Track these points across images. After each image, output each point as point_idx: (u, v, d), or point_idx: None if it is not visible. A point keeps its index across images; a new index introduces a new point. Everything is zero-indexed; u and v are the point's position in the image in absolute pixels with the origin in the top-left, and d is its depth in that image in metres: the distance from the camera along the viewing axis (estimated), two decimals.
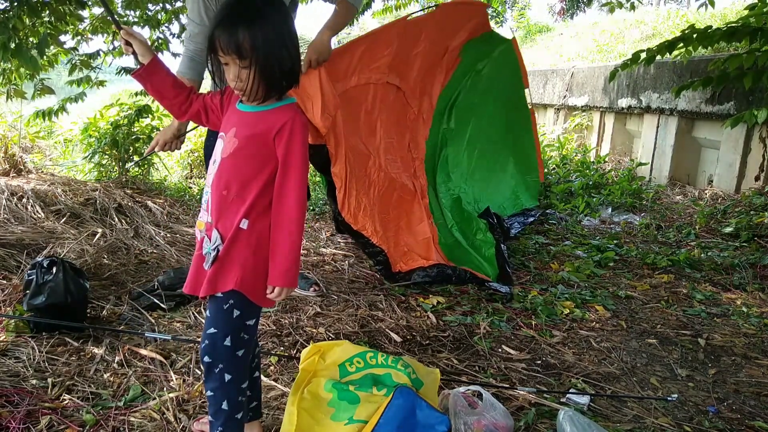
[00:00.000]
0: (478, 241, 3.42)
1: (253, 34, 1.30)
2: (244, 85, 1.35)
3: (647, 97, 5.65)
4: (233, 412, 1.46)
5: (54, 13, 3.67)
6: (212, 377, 1.44)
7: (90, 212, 3.72)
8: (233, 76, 1.36)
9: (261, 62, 1.33)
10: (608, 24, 8.96)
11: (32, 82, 4.28)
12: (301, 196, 1.40)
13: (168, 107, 1.57)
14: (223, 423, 1.46)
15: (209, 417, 1.49)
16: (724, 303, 2.99)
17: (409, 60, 3.38)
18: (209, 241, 1.43)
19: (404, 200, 3.30)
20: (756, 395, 2.12)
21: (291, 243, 1.39)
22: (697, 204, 4.70)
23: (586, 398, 2.01)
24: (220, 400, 1.45)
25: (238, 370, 1.45)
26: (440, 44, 3.61)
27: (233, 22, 1.31)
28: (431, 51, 3.51)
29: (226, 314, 1.42)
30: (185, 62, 2.41)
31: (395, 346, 2.41)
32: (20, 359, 2.09)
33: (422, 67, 3.49)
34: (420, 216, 3.30)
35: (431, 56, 3.55)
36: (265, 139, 1.39)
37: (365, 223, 2.96)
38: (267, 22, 1.33)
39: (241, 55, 1.31)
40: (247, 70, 1.33)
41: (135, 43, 1.50)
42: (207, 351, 1.43)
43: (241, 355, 1.44)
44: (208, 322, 1.44)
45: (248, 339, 1.47)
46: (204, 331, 1.44)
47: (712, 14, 7.16)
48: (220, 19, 1.33)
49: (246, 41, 1.30)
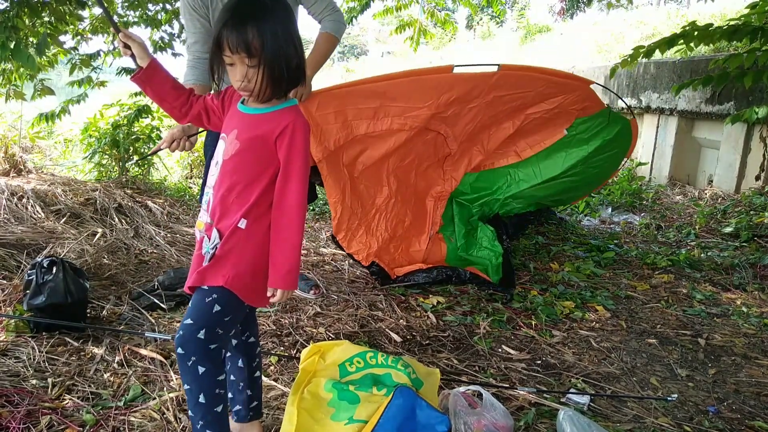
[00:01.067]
0: (484, 249, 3.33)
1: (262, 32, 1.30)
2: (251, 84, 1.34)
3: (647, 97, 5.65)
4: (212, 404, 1.43)
5: (54, 13, 3.67)
6: (186, 370, 1.41)
7: (90, 212, 3.73)
8: (240, 76, 1.34)
9: (269, 61, 1.32)
10: (608, 24, 8.96)
11: (32, 82, 4.28)
12: (302, 199, 1.40)
13: (168, 110, 1.56)
14: (202, 417, 1.43)
15: (189, 413, 1.47)
16: (724, 303, 2.99)
17: (459, 112, 3.08)
18: (209, 241, 1.43)
19: (413, 226, 3.23)
20: (756, 395, 2.12)
21: (291, 246, 1.39)
22: (697, 204, 4.70)
23: (586, 398, 2.01)
24: (196, 394, 1.42)
25: (211, 363, 1.42)
26: (507, 105, 3.18)
27: (242, 21, 1.29)
28: (493, 108, 3.14)
29: (206, 307, 1.40)
30: (188, 71, 2.44)
31: (395, 346, 2.41)
32: (20, 359, 2.09)
33: (476, 120, 3.16)
34: (425, 239, 3.27)
35: (491, 112, 3.17)
36: (267, 141, 1.39)
37: (358, 249, 2.98)
38: (276, 19, 1.32)
39: (251, 54, 1.31)
40: (255, 69, 1.33)
41: (134, 46, 1.49)
42: (180, 342, 1.40)
43: (213, 349, 1.42)
44: (188, 312, 1.43)
45: (222, 334, 1.44)
46: (182, 321, 1.42)
47: (712, 14, 7.17)
48: (227, 19, 1.31)
49: (255, 39, 1.29)
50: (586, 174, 3.38)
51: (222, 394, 1.47)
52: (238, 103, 1.47)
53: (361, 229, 2.99)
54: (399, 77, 2.91)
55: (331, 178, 2.83)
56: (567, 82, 3.17)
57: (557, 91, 3.13)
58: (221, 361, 1.49)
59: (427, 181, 3.28)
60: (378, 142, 2.97)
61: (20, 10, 3.23)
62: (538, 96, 3.12)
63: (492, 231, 3.36)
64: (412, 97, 2.90)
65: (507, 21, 20.10)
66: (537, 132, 3.32)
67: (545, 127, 3.27)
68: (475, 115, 3.12)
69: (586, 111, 3.22)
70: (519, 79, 3.03)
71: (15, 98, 4.12)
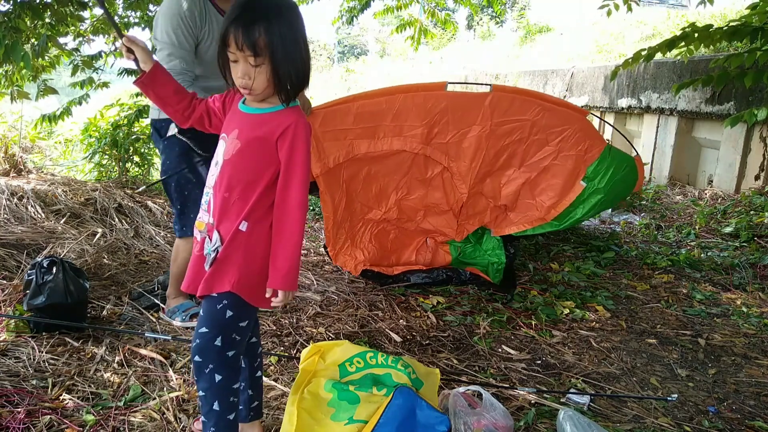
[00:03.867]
0: (487, 255, 3.22)
1: (270, 33, 1.29)
2: (252, 83, 1.34)
3: (647, 97, 5.65)
4: (225, 413, 1.45)
5: (55, 15, 3.66)
6: (203, 377, 1.43)
7: (90, 212, 3.73)
8: (242, 73, 1.33)
9: (274, 62, 1.32)
10: (608, 24, 8.96)
11: (35, 83, 4.28)
12: (303, 200, 1.39)
13: (171, 114, 1.55)
14: (215, 424, 1.45)
15: (202, 417, 1.49)
16: (724, 303, 2.99)
17: (460, 141, 3.02)
18: (210, 242, 1.43)
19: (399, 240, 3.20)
20: (756, 395, 2.12)
21: (292, 247, 1.39)
22: (697, 204, 4.70)
23: (586, 398, 2.01)
24: (211, 401, 1.44)
25: (228, 370, 1.44)
26: (508, 139, 3.06)
27: (252, 19, 1.29)
28: (495, 140, 3.04)
29: (218, 314, 1.41)
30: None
31: (395, 346, 2.41)
32: (20, 359, 2.09)
33: (480, 156, 3.05)
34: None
35: (494, 147, 3.06)
36: (268, 142, 1.38)
37: (345, 261, 3.02)
38: (285, 22, 1.32)
39: (256, 53, 1.30)
40: (258, 68, 1.32)
41: (137, 50, 1.48)
42: (197, 350, 1.42)
43: (231, 356, 1.43)
44: (200, 321, 1.44)
45: (240, 340, 1.46)
46: (196, 330, 1.44)
47: (712, 14, 7.16)
48: (237, 15, 1.30)
49: (262, 39, 1.29)
50: (595, 211, 3.33)
51: (235, 402, 1.49)
52: (239, 103, 1.46)
53: (348, 241, 3.02)
54: (394, 92, 2.92)
55: (327, 194, 2.86)
56: (561, 111, 3.08)
57: (554, 123, 3.03)
58: (239, 368, 1.50)
59: (435, 225, 3.20)
60: (379, 162, 2.99)
61: (22, 12, 3.23)
62: (536, 128, 3.02)
63: (498, 240, 3.27)
64: (409, 115, 2.92)
65: (507, 21, 20.12)
66: (552, 187, 3.13)
67: (558, 177, 3.11)
68: (476, 148, 3.01)
69: (589, 151, 3.08)
70: (512, 102, 2.97)
71: (19, 98, 4.11)
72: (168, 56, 2.26)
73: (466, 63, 11.61)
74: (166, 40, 2.27)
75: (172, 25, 2.26)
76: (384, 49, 25.42)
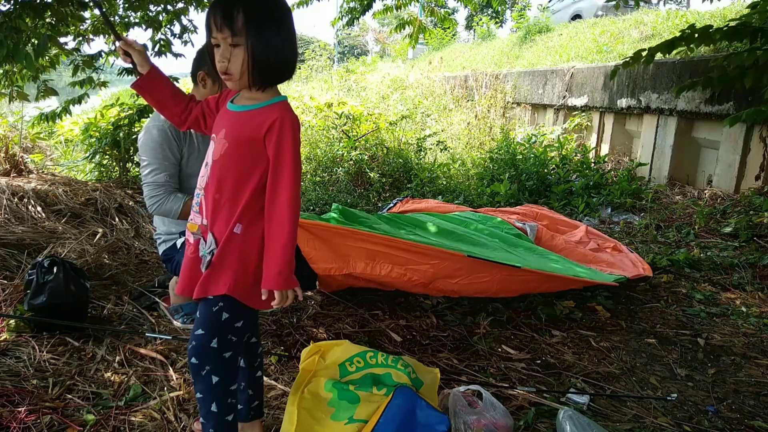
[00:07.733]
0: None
1: (248, 14, 1.29)
2: (231, 66, 1.33)
3: (647, 98, 5.65)
4: (223, 414, 1.46)
5: (56, 15, 3.66)
6: (200, 379, 1.43)
7: (90, 212, 3.73)
8: (221, 56, 1.33)
9: (253, 44, 1.31)
10: (608, 24, 8.94)
11: (35, 83, 4.28)
12: (294, 196, 1.36)
13: (169, 117, 1.55)
14: (214, 425, 1.46)
15: (200, 419, 1.49)
16: (723, 303, 2.99)
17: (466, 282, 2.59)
18: (205, 244, 1.43)
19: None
20: (755, 395, 2.12)
21: (283, 245, 1.36)
22: (697, 204, 4.70)
23: (586, 398, 2.01)
24: (209, 403, 1.44)
25: (225, 372, 1.44)
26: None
27: (233, 0, 1.30)
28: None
29: (214, 316, 1.42)
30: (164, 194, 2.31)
31: (395, 346, 2.42)
32: (21, 359, 2.09)
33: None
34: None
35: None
36: (255, 139, 1.36)
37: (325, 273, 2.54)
38: (266, 7, 1.32)
39: (234, 32, 1.29)
40: (236, 49, 1.31)
41: (134, 54, 1.48)
42: (194, 352, 1.42)
43: (228, 357, 1.43)
44: (197, 323, 1.44)
45: (236, 341, 1.46)
46: (192, 332, 1.44)
47: (712, 14, 7.16)
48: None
49: (240, 18, 1.29)
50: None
51: (234, 403, 1.49)
52: (228, 102, 1.45)
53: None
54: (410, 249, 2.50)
55: (322, 281, 2.62)
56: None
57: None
58: (236, 370, 1.50)
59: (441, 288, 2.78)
60: (373, 284, 2.66)
61: (23, 12, 3.23)
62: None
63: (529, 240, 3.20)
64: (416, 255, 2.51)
65: (507, 21, 20.12)
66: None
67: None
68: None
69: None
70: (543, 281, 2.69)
71: (18, 99, 4.12)
72: (154, 170, 2.28)
73: (465, 63, 11.61)
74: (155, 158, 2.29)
75: (154, 144, 2.29)
76: (384, 50, 25.43)
